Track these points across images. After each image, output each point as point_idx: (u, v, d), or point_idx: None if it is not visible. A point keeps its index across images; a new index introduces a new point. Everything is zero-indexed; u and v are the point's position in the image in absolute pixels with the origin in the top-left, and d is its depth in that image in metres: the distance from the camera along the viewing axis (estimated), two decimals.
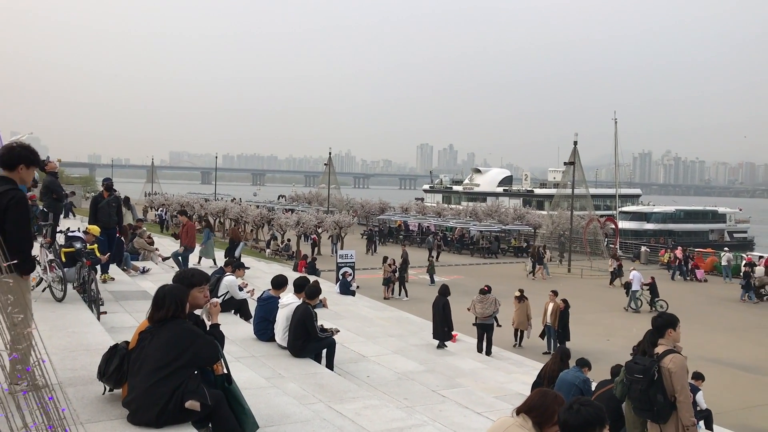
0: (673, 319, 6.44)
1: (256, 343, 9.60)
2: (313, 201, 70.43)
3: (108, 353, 4.98)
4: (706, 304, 28.56)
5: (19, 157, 4.91)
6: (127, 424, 4.55)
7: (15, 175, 4.90)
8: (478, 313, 16.67)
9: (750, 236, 72.43)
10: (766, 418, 14.05)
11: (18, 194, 4.78)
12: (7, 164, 4.88)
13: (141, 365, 4.60)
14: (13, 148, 5.03)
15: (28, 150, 4.99)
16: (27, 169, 4.96)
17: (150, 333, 4.71)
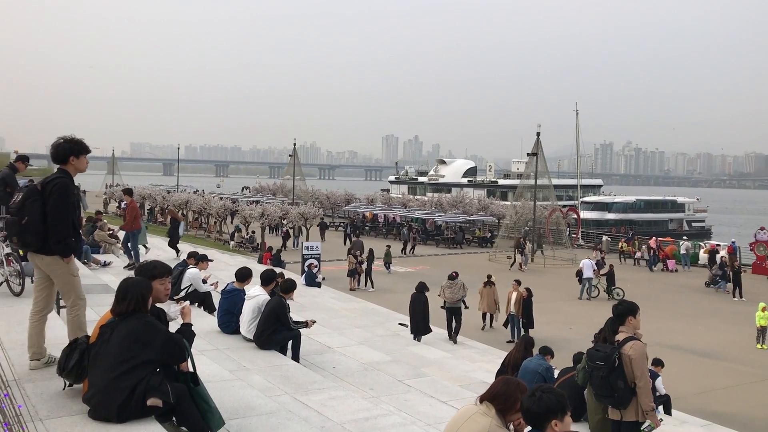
0: (633, 307, 6.57)
1: (221, 335, 9.53)
2: (278, 192, 70.02)
3: (68, 348, 4.89)
4: (665, 291, 29.17)
5: (66, 151, 5.40)
6: (88, 419, 4.47)
7: (69, 167, 5.42)
8: (447, 297, 17.09)
9: (707, 225, 74.21)
10: (722, 401, 14.44)
11: (60, 181, 5.25)
12: (58, 160, 5.39)
13: (101, 360, 4.53)
14: (59, 144, 5.42)
15: (72, 142, 5.45)
16: (78, 159, 5.45)
17: (110, 327, 4.63)
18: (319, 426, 6.15)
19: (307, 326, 9.45)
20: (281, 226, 41.43)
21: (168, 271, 5.42)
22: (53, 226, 5.20)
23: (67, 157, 5.42)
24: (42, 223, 5.18)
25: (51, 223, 5.19)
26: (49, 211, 5.19)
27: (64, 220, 5.26)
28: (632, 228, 54.69)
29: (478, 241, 46.03)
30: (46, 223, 5.19)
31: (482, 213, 51.80)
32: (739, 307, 25.04)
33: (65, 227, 5.28)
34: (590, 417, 7.39)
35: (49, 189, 5.22)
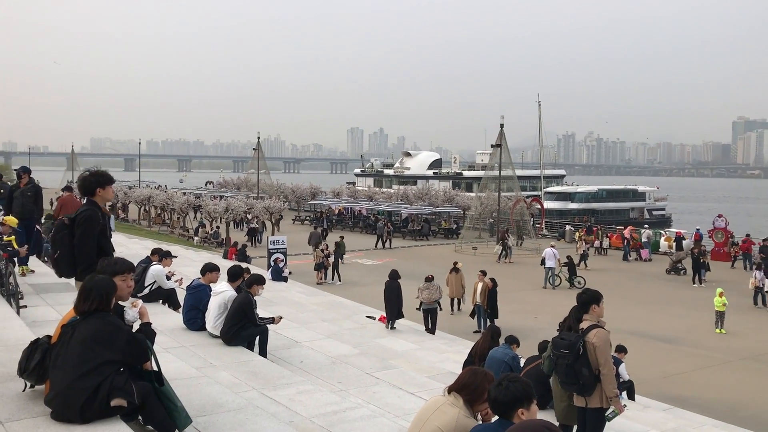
0: (596, 295, 6.67)
1: (186, 332, 9.43)
2: (243, 187, 69.43)
3: (29, 348, 4.78)
4: (628, 279, 29.70)
5: (92, 184, 5.83)
6: (50, 421, 4.39)
7: (97, 198, 5.85)
8: (424, 298, 17.70)
9: (668, 213, 75.80)
10: (683, 385, 14.79)
11: (87, 213, 5.71)
12: (86, 192, 5.84)
13: (62, 361, 4.44)
14: (85, 178, 5.90)
15: (97, 175, 5.92)
16: (104, 190, 5.88)
17: (72, 327, 4.54)
18: (288, 421, 6.13)
19: (274, 322, 9.41)
20: (247, 222, 41.02)
21: (130, 268, 5.33)
22: (79, 256, 5.64)
23: (94, 189, 5.83)
24: (72, 254, 5.63)
25: (77, 254, 5.64)
26: (76, 243, 5.64)
27: (88, 251, 5.69)
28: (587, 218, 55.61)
29: (444, 232, 46.27)
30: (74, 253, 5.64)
31: (448, 205, 52.06)
32: (699, 293, 25.62)
33: (89, 257, 5.68)
34: (556, 404, 7.52)
35: (77, 221, 5.67)
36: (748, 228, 43.20)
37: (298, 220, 52.74)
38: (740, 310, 21.95)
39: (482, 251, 36.99)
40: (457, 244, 39.83)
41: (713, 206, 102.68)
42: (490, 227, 44.43)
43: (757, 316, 22.01)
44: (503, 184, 42.69)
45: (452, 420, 3.89)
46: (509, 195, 45.00)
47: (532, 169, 79.86)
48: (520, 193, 46.44)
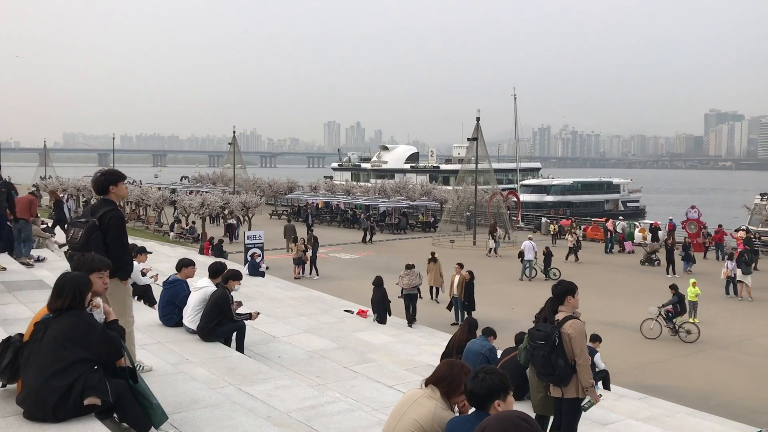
0: (571, 287, 6.73)
1: (162, 328, 9.34)
2: (218, 182, 68.93)
3: (0, 347, 4.71)
4: (603, 270, 30.01)
5: (105, 182, 5.98)
6: (23, 420, 4.33)
7: (111, 196, 6.00)
8: (404, 284, 18.40)
9: (642, 205, 76.72)
10: (657, 374, 15.00)
11: (116, 214, 5.90)
12: (100, 191, 6.00)
13: (34, 359, 4.37)
14: (98, 178, 6.04)
15: (109, 173, 6.09)
16: (116, 187, 6.02)
17: (44, 324, 4.47)
18: (265, 416, 6.11)
19: (251, 318, 9.36)
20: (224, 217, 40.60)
21: (107, 265, 5.29)
22: (116, 255, 5.78)
23: (107, 187, 5.99)
24: (106, 254, 5.64)
25: (113, 254, 5.75)
26: (111, 243, 5.83)
27: (125, 251, 5.99)
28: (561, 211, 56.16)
29: (422, 226, 46.39)
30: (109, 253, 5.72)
31: (425, 198, 52.17)
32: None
33: (125, 255, 6.02)
34: (533, 395, 7.57)
35: (105, 222, 5.84)
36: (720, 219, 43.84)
37: (275, 215, 52.52)
38: (713, 299, 22.29)
39: (459, 244, 37.16)
40: (434, 237, 39.95)
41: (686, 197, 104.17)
42: (467, 220, 44.60)
43: (729, 306, 22.37)
44: (480, 177, 42.86)
45: (429, 412, 3.90)
46: (486, 188, 45.21)
47: (508, 162, 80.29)
48: (497, 186, 46.68)
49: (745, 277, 23.35)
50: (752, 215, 40.83)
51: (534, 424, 3.07)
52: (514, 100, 70.12)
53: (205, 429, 5.27)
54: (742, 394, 13.83)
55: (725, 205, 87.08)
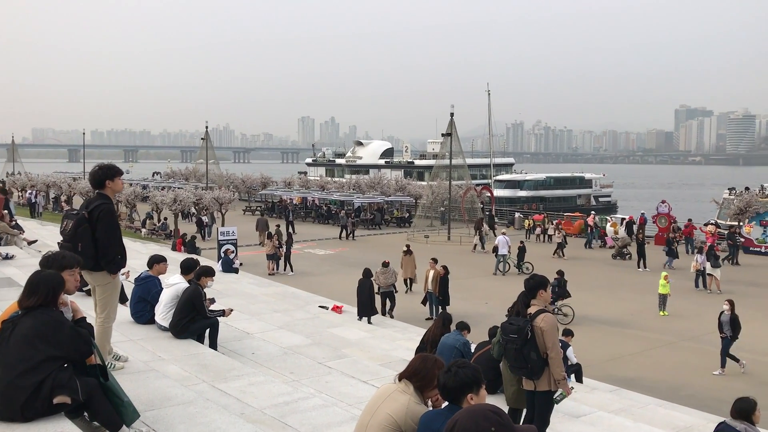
0: (543, 281, 6.79)
1: (134, 326, 9.25)
2: (191, 177, 68.32)
3: None
4: (574, 264, 30.28)
5: (101, 176, 6.06)
6: None
7: (107, 190, 6.08)
8: (381, 282, 18.81)
9: (613, 200, 77.65)
10: (629, 367, 15.22)
11: (106, 206, 5.93)
12: (97, 185, 6.07)
13: (1, 357, 4.30)
14: (95, 172, 6.11)
15: (105, 168, 6.15)
16: (113, 182, 6.09)
17: (12, 322, 4.40)
18: (239, 413, 6.08)
19: (225, 315, 9.30)
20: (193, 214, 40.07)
21: (78, 262, 5.23)
22: (104, 248, 5.92)
23: (103, 181, 6.06)
24: (94, 247, 5.87)
25: (101, 247, 5.90)
26: (99, 236, 5.89)
27: (114, 244, 6.02)
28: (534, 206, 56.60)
29: (397, 221, 46.44)
30: (97, 246, 5.89)
31: (400, 193, 52.22)
32: (644, 277, 26.32)
33: (114, 248, 6.04)
34: (506, 388, 7.64)
35: (95, 215, 5.90)
36: (690, 213, 44.61)
37: (248, 211, 52.19)
38: (682, 292, 22.65)
39: (434, 239, 37.28)
40: (409, 232, 40.03)
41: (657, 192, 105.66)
42: (442, 216, 44.74)
43: (698, 299, 22.74)
44: (454, 172, 43.01)
45: (403, 407, 3.92)
46: (460, 183, 45.38)
47: (482, 158, 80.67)
48: (471, 181, 46.88)
49: (714, 270, 23.76)
50: (721, 209, 41.56)
51: (505, 416, 3.09)
52: (488, 96, 70.42)
53: (178, 426, 5.23)
54: (711, 384, 14.10)
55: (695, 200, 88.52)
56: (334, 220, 45.92)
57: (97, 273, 6.08)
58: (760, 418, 6.35)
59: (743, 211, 34.33)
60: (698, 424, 9.84)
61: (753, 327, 18.91)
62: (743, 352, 16.39)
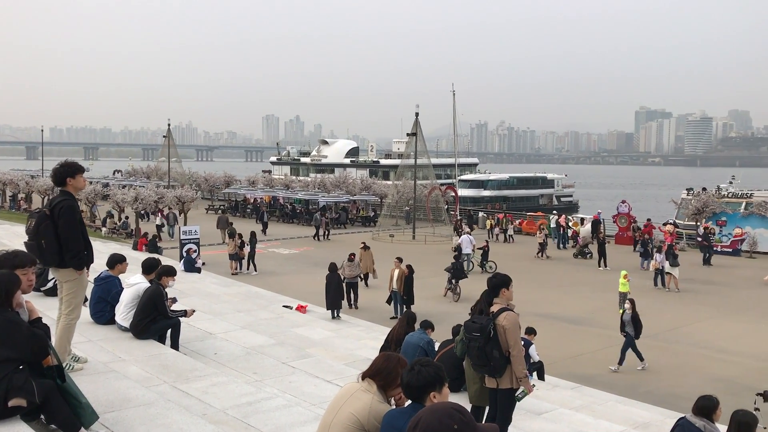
0: (506, 279, 6.85)
1: (94, 326, 9.09)
2: (153, 176, 67.34)
3: None
4: (537, 263, 30.69)
5: (62, 174, 6.09)
6: None
7: (69, 188, 6.12)
8: (346, 274, 20.15)
9: (575, 200, 78.84)
10: (590, 364, 15.46)
11: (67, 203, 5.98)
12: (58, 183, 6.12)
13: None
14: (56, 169, 6.17)
15: (66, 166, 6.19)
16: (74, 179, 6.13)
17: None
18: (201, 413, 6.02)
19: (186, 315, 9.19)
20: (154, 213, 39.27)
21: (32, 261, 5.13)
22: (66, 244, 5.94)
23: (64, 179, 6.10)
24: (57, 243, 5.91)
25: (64, 242, 5.93)
26: (61, 232, 5.92)
27: (75, 238, 6.02)
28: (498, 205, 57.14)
29: (362, 220, 46.42)
30: (60, 242, 5.93)
31: (365, 193, 52.21)
32: (604, 276, 26.74)
33: (77, 244, 6.04)
34: (469, 387, 7.70)
35: (56, 212, 5.95)
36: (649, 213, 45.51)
37: (211, 210, 51.65)
38: (642, 291, 23.06)
39: (399, 238, 37.36)
40: (374, 231, 40.05)
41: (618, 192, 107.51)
42: (407, 215, 44.87)
43: (657, 297, 23.20)
44: (419, 172, 43.17)
45: (366, 406, 3.92)
46: (425, 183, 45.57)
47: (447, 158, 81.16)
48: (435, 181, 47.12)
49: (672, 269, 24.25)
50: (679, 209, 42.46)
51: (468, 414, 3.12)
52: (453, 97, 70.84)
53: (138, 428, 5.16)
54: (669, 381, 14.40)
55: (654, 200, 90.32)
56: (299, 219, 45.72)
57: (63, 269, 6.14)
58: (720, 416, 6.50)
59: (701, 211, 35.11)
60: (657, 420, 10.04)
61: (709, 324, 19.44)
62: (700, 349, 16.82)
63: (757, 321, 19.83)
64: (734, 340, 17.67)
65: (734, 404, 8.03)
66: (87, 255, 6.25)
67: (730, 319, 20.14)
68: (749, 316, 20.52)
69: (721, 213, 34.90)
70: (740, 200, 40.11)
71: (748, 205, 37.72)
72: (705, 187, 44.52)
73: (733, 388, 13.46)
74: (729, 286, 25.39)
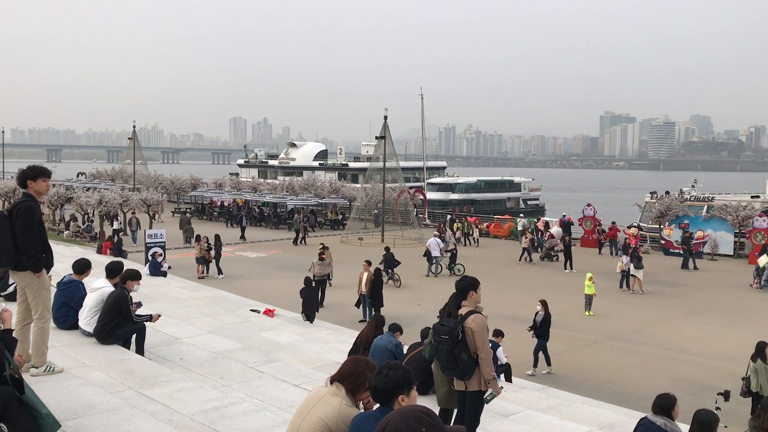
0: (474, 282, 6.89)
1: (56, 332, 8.90)
2: (118, 178, 66.35)
3: None
4: (504, 266, 30.93)
5: (23, 177, 6.16)
6: None
7: (30, 190, 6.15)
8: (316, 272, 20.92)
9: (541, 203, 79.72)
10: (556, 366, 15.57)
11: (25, 204, 5.99)
12: (21, 185, 6.19)
13: None
14: (22, 171, 6.22)
15: (29, 169, 6.22)
16: (35, 182, 6.17)
17: None
18: (166, 419, 5.94)
19: (152, 320, 9.07)
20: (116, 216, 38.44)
21: None
22: (22, 245, 5.92)
23: (25, 181, 6.16)
24: (14, 244, 5.89)
25: (20, 243, 5.91)
26: (18, 233, 5.91)
27: (32, 239, 5.99)
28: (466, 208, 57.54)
29: (331, 223, 46.31)
30: (16, 243, 5.91)
31: (334, 196, 52.11)
32: (571, 278, 27.06)
33: (34, 245, 6.01)
34: (437, 389, 7.72)
35: (15, 213, 5.96)
36: (614, 216, 46.16)
37: (178, 213, 51.05)
38: (606, 293, 23.41)
39: (368, 241, 37.34)
40: (343, 234, 39.98)
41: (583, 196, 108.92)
42: (375, 218, 44.89)
43: (621, 299, 23.55)
44: (388, 175, 43.24)
45: (334, 410, 3.91)
46: (393, 186, 45.65)
47: (415, 161, 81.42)
48: (404, 184, 47.23)
49: (637, 271, 24.64)
50: (643, 213, 43.18)
51: (436, 417, 3.12)
52: (421, 100, 71.08)
53: None
54: (633, 381, 14.62)
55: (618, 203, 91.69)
56: (266, 223, 45.41)
57: (21, 272, 6.14)
58: (679, 413, 6.63)
59: (664, 214, 35.74)
60: (621, 420, 10.18)
61: (672, 326, 19.79)
62: (663, 349, 17.12)
63: (718, 322, 20.26)
64: (696, 340, 18.03)
65: (696, 404, 8.20)
66: (46, 257, 6.21)
67: (693, 320, 20.54)
68: (710, 317, 20.96)
69: (683, 216, 35.56)
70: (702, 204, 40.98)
71: (710, 208, 38.53)
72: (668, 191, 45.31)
73: (695, 388, 13.74)
74: (691, 287, 25.88)
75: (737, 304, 22.83)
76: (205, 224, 44.25)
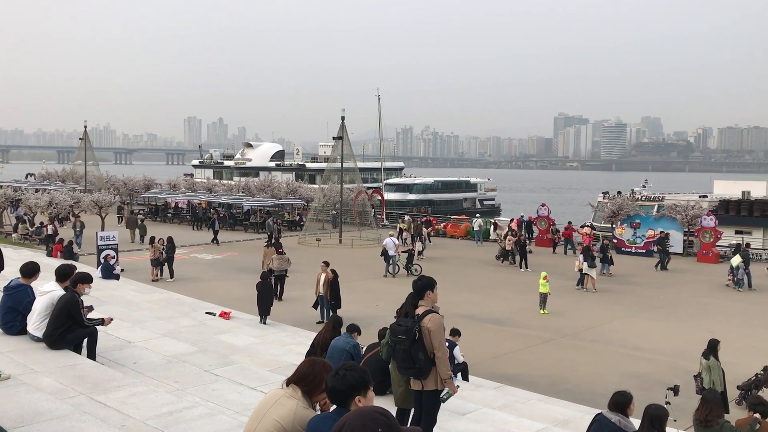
0: (431, 282, 6.94)
1: (3, 337, 8.66)
2: (68, 179, 64.83)
3: None
4: (461, 265, 31.15)
5: None
6: None
7: None
8: (275, 267, 21.68)
9: (497, 203, 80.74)
10: (512, 364, 15.80)
11: None
12: None
13: None
14: None
15: None
16: None
17: None
18: (119, 425, 5.82)
19: (104, 324, 8.88)
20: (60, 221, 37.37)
21: None
22: None
23: None
24: None
25: None
26: None
27: None
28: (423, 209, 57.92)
29: (288, 224, 46.00)
30: None
31: (291, 196, 51.80)
32: (525, 278, 27.40)
33: None
34: (394, 389, 7.73)
35: None
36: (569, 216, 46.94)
37: (131, 214, 50.03)
38: (560, 292, 23.77)
39: (326, 242, 37.23)
40: (300, 235, 39.77)
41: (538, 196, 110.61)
42: (333, 219, 44.80)
43: (575, 297, 23.97)
44: (345, 176, 43.18)
45: (290, 412, 3.88)
46: (351, 187, 45.62)
47: (373, 162, 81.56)
48: (362, 184, 47.24)
49: (590, 270, 25.11)
50: (596, 212, 44.10)
51: (392, 418, 3.13)
52: (378, 101, 71.21)
53: None
54: (587, 378, 14.88)
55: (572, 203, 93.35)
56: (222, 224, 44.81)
57: None
58: (634, 410, 6.78)
59: (616, 213, 36.51)
60: (576, 417, 10.35)
61: (624, 323, 20.22)
62: (615, 346, 17.48)
63: (668, 319, 20.78)
64: (647, 337, 18.45)
65: (647, 399, 8.39)
66: None
67: (644, 317, 21.02)
68: (660, 314, 21.48)
69: (634, 215, 36.37)
70: (653, 203, 42.08)
71: (660, 207, 39.57)
72: (620, 191, 46.35)
73: (646, 384, 14.04)
74: (642, 285, 26.48)
75: (686, 302, 23.46)
76: (159, 226, 43.49)
